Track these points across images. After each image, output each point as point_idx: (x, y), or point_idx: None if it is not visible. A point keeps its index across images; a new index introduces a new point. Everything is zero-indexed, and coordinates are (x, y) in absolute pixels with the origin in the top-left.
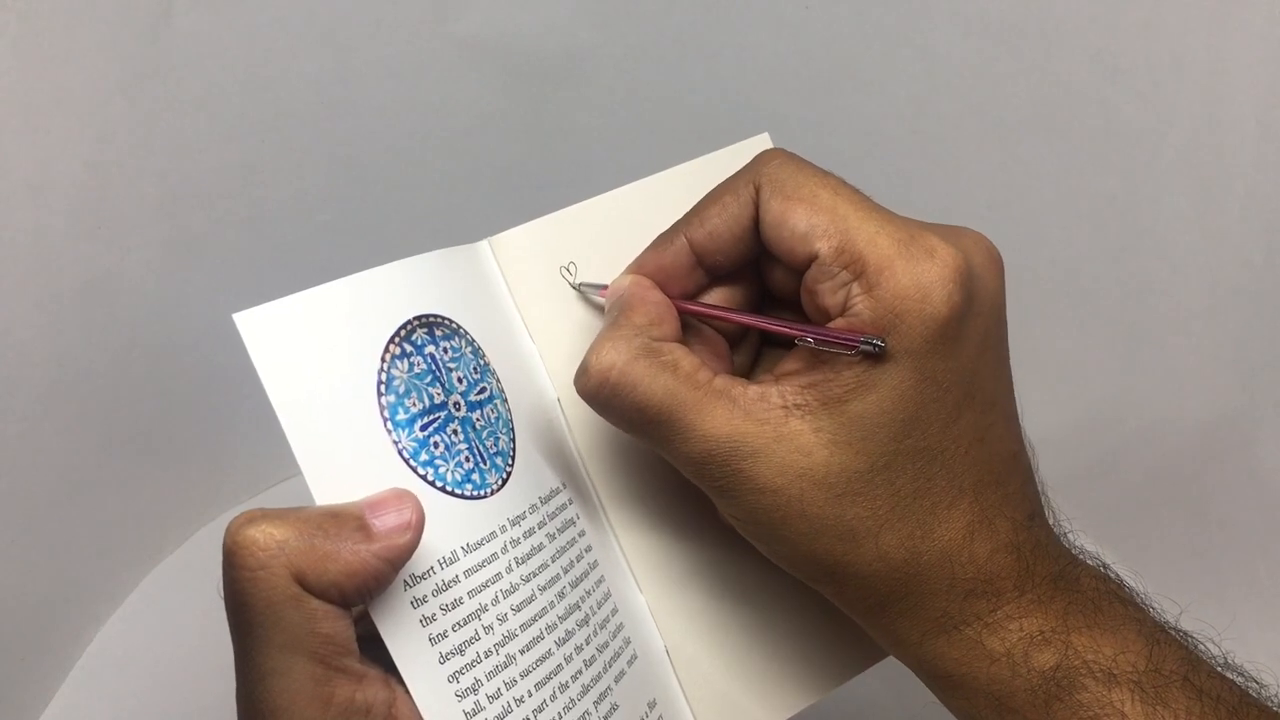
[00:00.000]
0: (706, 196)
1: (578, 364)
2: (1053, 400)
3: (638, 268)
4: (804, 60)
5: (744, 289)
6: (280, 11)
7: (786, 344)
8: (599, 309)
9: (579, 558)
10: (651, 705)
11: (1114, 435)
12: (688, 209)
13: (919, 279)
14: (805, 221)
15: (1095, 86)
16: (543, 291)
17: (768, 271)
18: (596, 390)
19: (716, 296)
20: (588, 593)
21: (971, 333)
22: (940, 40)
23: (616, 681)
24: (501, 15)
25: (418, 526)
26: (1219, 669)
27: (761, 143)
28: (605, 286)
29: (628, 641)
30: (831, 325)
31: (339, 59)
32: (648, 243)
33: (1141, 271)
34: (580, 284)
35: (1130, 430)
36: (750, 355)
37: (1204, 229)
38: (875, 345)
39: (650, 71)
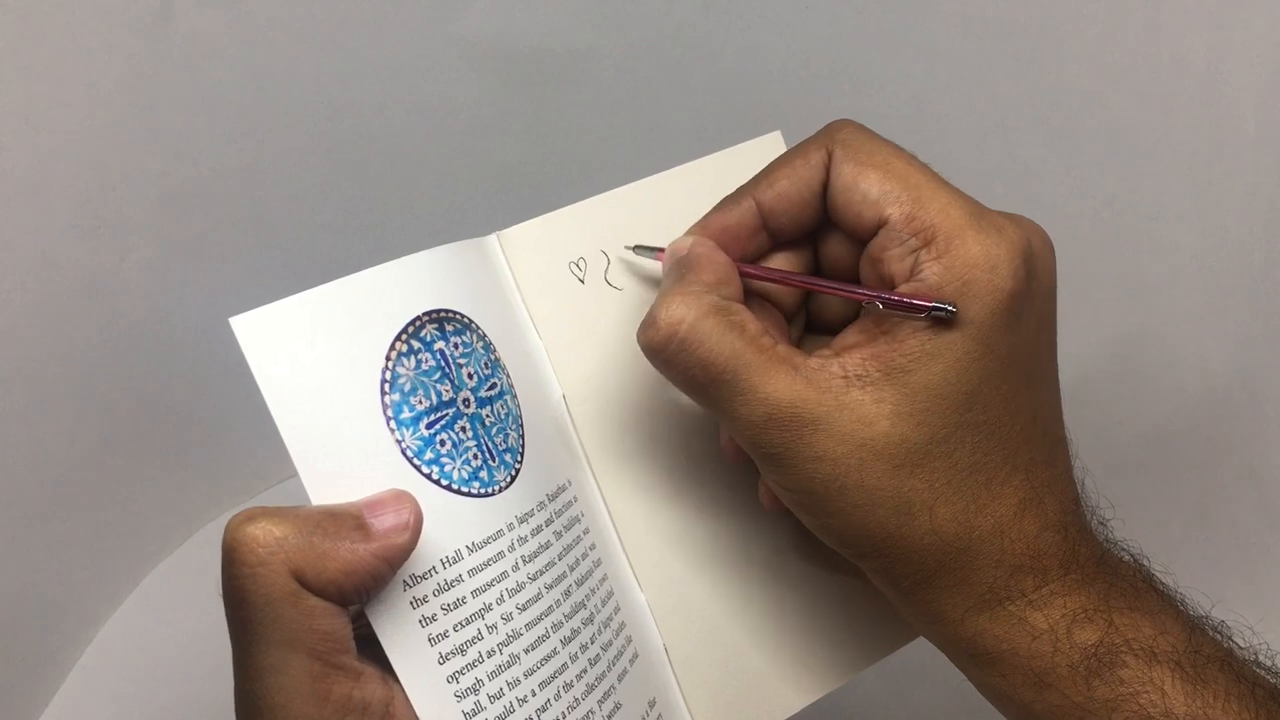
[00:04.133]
0: (774, 161)
1: (584, 360)
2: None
3: (701, 229)
4: (804, 60)
5: (801, 261)
6: (280, 11)
7: (831, 328)
8: (651, 279)
9: (584, 555)
10: (651, 704)
11: (1112, 436)
12: (697, 206)
13: (989, 251)
14: (878, 187)
15: (1095, 86)
16: (550, 287)
17: (823, 244)
18: (664, 344)
19: (773, 265)
20: (592, 590)
21: (1031, 311)
22: (940, 40)
23: (619, 680)
24: (501, 15)
25: (415, 527)
26: (1249, 662)
27: (774, 141)
28: (662, 250)
29: (629, 640)
30: (897, 290)
31: (339, 59)
32: (655, 237)
33: (1141, 272)
34: (635, 246)
35: (1129, 431)
36: (795, 338)
37: (1204, 229)
38: (947, 310)
39: (650, 71)
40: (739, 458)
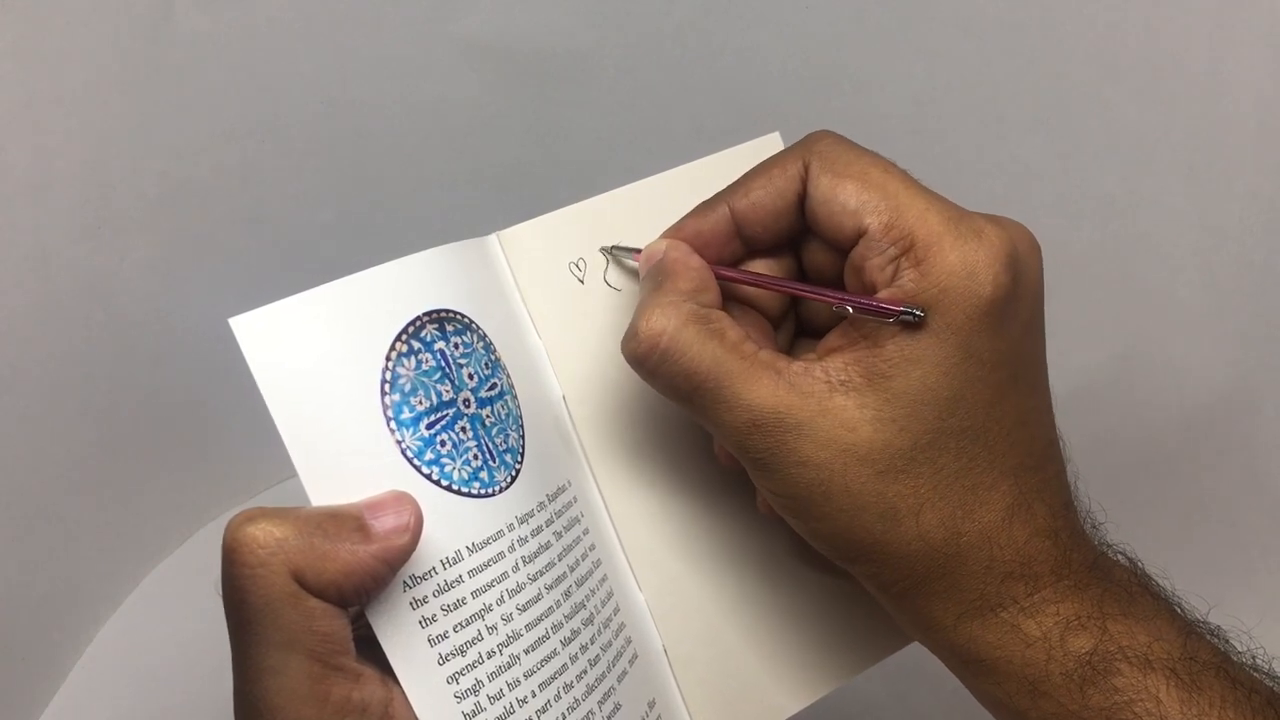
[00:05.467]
0: (752, 169)
1: (584, 360)
2: (1052, 400)
3: (676, 232)
4: (804, 60)
5: (781, 268)
6: (280, 11)
7: (821, 332)
8: (633, 274)
9: (584, 556)
10: (651, 705)
11: (1112, 436)
12: (693, 206)
13: (967, 257)
14: (856, 198)
15: (1095, 86)
16: (551, 287)
17: (805, 252)
18: (645, 355)
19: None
20: (592, 591)
21: (1015, 316)
22: (940, 40)
23: (619, 681)
24: (501, 15)
25: (415, 529)
26: (1246, 667)
27: (773, 142)
28: (638, 251)
29: (629, 640)
30: (875, 296)
31: (339, 59)
32: (655, 238)
33: (1141, 272)
34: (613, 248)
35: (1128, 433)
36: (785, 343)
37: (1204, 229)
38: (914, 315)
39: (650, 71)
40: (733, 464)
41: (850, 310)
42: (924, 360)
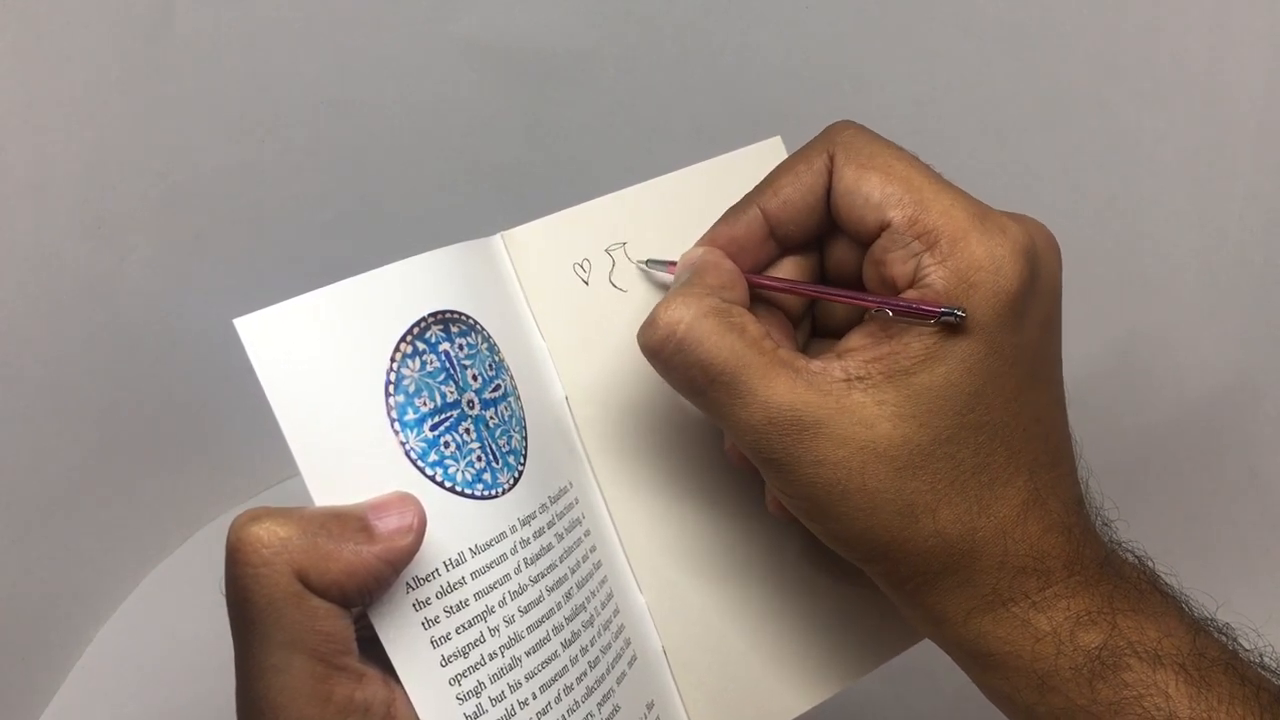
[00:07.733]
0: (778, 168)
1: (587, 362)
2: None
3: (710, 240)
4: (804, 60)
5: (808, 264)
6: (280, 11)
7: (838, 331)
8: (663, 287)
9: (585, 558)
10: (650, 706)
11: (1112, 437)
12: (699, 209)
13: (993, 252)
14: (879, 190)
15: (1095, 86)
16: (555, 288)
17: (829, 247)
18: (661, 344)
19: (782, 271)
20: (592, 593)
21: (1036, 311)
22: (940, 40)
23: (618, 683)
24: (501, 15)
25: (419, 530)
26: (1254, 664)
27: (774, 146)
28: (673, 263)
29: (628, 642)
30: (903, 295)
31: (339, 59)
32: (660, 239)
33: (1142, 272)
34: (647, 261)
35: (1129, 431)
36: (802, 342)
37: (1204, 229)
38: (956, 315)
39: (650, 71)
40: (743, 463)
41: (890, 313)
42: (949, 356)
